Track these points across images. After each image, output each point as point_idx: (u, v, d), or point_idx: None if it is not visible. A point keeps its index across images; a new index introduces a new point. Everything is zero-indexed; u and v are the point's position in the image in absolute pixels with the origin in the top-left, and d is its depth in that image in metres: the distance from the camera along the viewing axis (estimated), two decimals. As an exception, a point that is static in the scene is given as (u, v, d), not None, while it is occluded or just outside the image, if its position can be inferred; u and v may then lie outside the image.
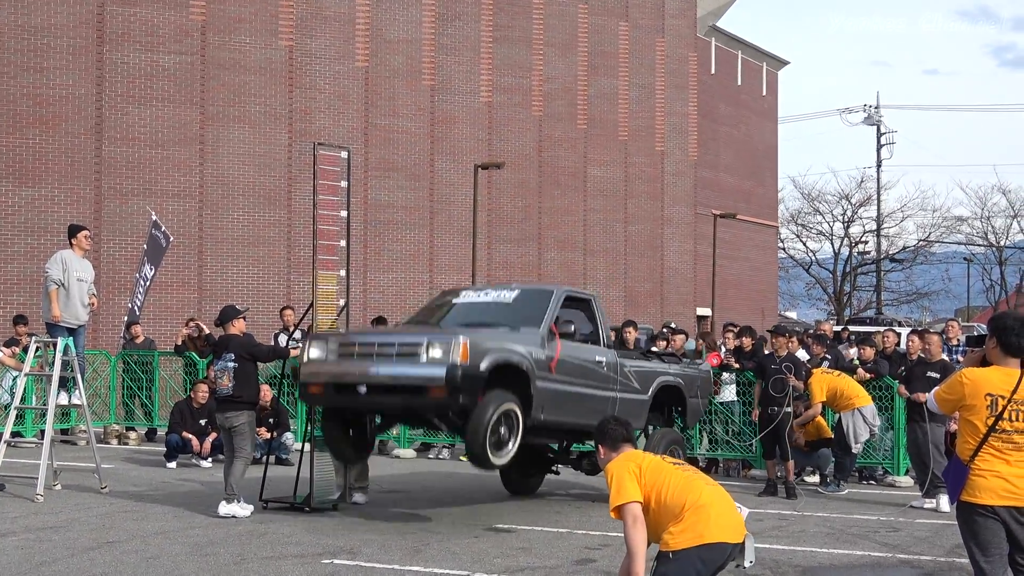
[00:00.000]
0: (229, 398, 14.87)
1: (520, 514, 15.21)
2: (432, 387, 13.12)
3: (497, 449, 13.47)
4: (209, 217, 34.68)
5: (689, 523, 7.98)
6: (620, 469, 8.13)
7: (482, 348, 13.28)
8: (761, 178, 60.29)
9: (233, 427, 14.84)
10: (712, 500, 8.12)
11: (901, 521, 15.10)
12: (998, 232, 76.37)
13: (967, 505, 8.09)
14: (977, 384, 8.08)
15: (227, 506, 14.63)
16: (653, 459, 8.26)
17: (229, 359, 14.88)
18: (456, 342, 13.11)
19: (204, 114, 34.73)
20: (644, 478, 8.08)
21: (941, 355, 16.99)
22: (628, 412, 15.60)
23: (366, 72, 37.30)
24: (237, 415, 14.82)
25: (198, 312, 32.29)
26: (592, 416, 14.62)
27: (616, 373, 15.62)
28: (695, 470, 8.42)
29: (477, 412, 13.17)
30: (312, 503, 15.17)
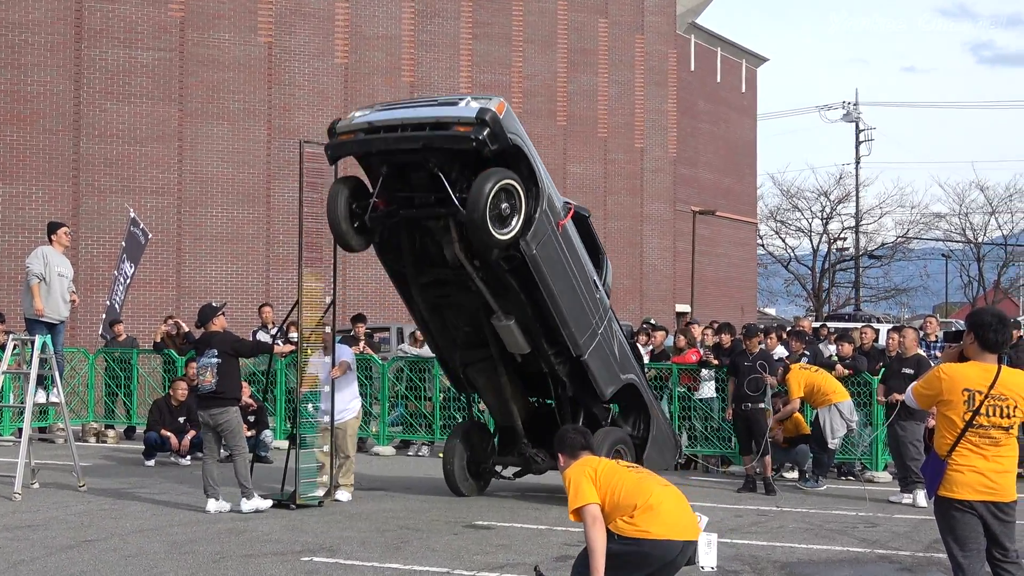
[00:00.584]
0: (212, 394, 14.84)
1: (500, 511, 15.21)
2: (459, 123, 13.75)
3: (499, 223, 13.80)
4: (188, 214, 34.61)
5: (639, 520, 8.21)
6: (577, 474, 8.39)
7: (515, 125, 14.17)
8: (740, 175, 60.39)
9: (219, 425, 14.81)
10: (663, 499, 8.35)
11: (880, 517, 15.14)
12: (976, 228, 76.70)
13: (945, 500, 8.12)
14: (955, 379, 8.10)
15: (248, 502, 14.68)
16: (608, 463, 8.54)
17: (212, 355, 14.85)
18: (495, 100, 13.99)
19: (183, 110, 34.65)
20: (599, 481, 8.34)
21: (917, 350, 17.03)
22: (602, 359, 15.54)
23: (345, 69, 37.26)
24: (222, 412, 14.80)
25: (177, 309, 32.22)
26: (572, 315, 14.85)
27: (604, 313, 15.67)
28: (649, 472, 8.63)
29: (480, 177, 13.63)
30: (298, 500, 15.16)
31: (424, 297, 15.69)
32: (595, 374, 15.48)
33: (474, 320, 15.62)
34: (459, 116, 13.89)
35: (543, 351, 15.35)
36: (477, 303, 15.20)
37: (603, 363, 15.62)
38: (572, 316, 15.02)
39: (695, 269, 47.63)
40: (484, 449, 16.86)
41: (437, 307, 15.87)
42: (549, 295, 14.68)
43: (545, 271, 14.54)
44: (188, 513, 14.60)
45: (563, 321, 14.92)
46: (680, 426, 20.01)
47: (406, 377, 22.26)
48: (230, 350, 14.96)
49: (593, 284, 15.56)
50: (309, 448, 15.73)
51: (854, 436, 19.00)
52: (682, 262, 48.37)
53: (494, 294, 14.87)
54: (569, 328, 14.99)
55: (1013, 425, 8.11)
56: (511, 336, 15.18)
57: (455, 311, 15.79)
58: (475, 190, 13.62)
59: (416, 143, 13.95)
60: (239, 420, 15.12)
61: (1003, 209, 75.51)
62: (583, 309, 15.24)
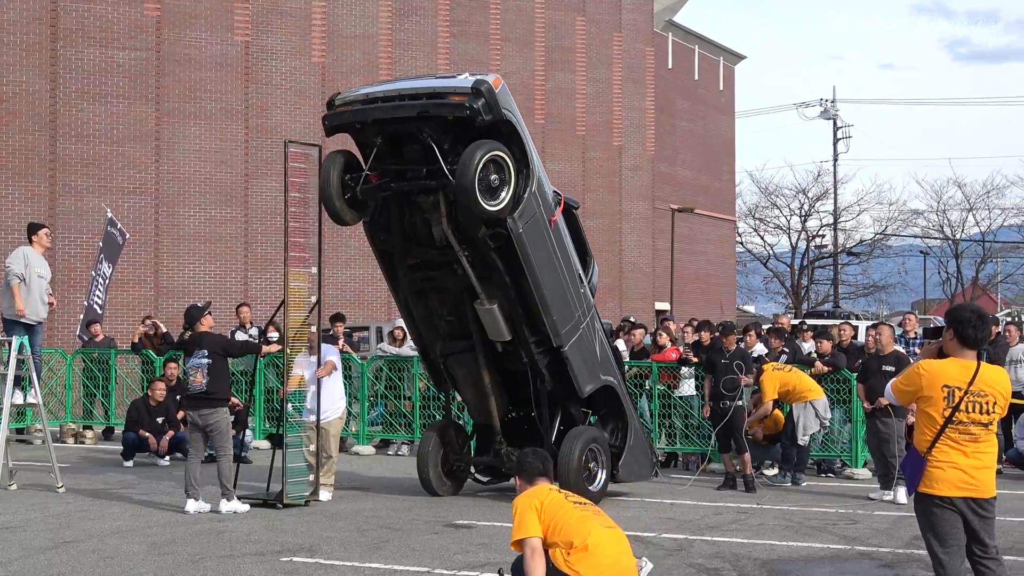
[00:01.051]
0: (203, 395, 14.85)
1: (480, 510, 15.20)
2: (455, 93, 14.10)
3: (489, 194, 14.00)
4: (165, 214, 34.51)
5: (573, 560, 8.18)
6: (523, 505, 8.40)
7: (510, 102, 14.39)
8: (719, 173, 60.46)
9: (209, 425, 14.80)
10: (601, 542, 8.28)
11: (860, 513, 15.18)
12: (954, 225, 76.90)
13: (925, 496, 8.14)
14: (934, 376, 8.12)
15: (228, 504, 14.69)
16: (556, 497, 8.48)
17: (202, 356, 14.86)
18: (493, 75, 14.36)
19: (159, 110, 34.54)
20: (544, 513, 8.33)
21: (894, 347, 17.05)
22: (583, 354, 15.55)
23: (323, 68, 37.18)
24: (212, 412, 14.81)
25: (154, 310, 32.12)
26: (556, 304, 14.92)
27: (588, 309, 15.74)
28: (596, 511, 8.54)
29: (469, 148, 13.87)
30: (285, 499, 15.14)
31: (410, 280, 15.74)
32: (575, 369, 15.44)
33: (457, 308, 15.65)
34: (455, 87, 14.24)
35: (524, 339, 15.32)
36: (461, 286, 15.25)
37: (584, 359, 15.61)
38: (555, 303, 15.05)
39: (674, 267, 47.70)
40: (460, 449, 16.83)
41: (422, 292, 15.90)
42: (533, 278, 14.72)
43: (530, 252, 14.60)
44: (167, 514, 14.56)
45: (545, 307, 14.94)
46: (660, 424, 20.04)
47: (385, 376, 22.26)
48: (220, 351, 14.99)
49: (578, 277, 15.60)
50: (295, 448, 15.71)
51: (834, 434, 19.05)
52: (661, 260, 48.42)
53: (479, 276, 14.92)
54: (551, 316, 15.00)
55: (992, 421, 8.13)
56: (493, 321, 15.17)
57: (439, 297, 15.82)
58: (465, 157, 13.86)
59: (412, 111, 14.21)
60: (228, 421, 15.16)
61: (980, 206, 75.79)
62: (567, 298, 15.27)
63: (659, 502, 16.01)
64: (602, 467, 15.78)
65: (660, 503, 15.94)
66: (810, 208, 75.16)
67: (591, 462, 15.62)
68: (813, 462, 19.58)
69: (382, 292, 36.54)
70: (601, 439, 15.97)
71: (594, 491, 15.40)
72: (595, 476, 15.70)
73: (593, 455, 15.69)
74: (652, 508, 15.51)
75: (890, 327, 17.58)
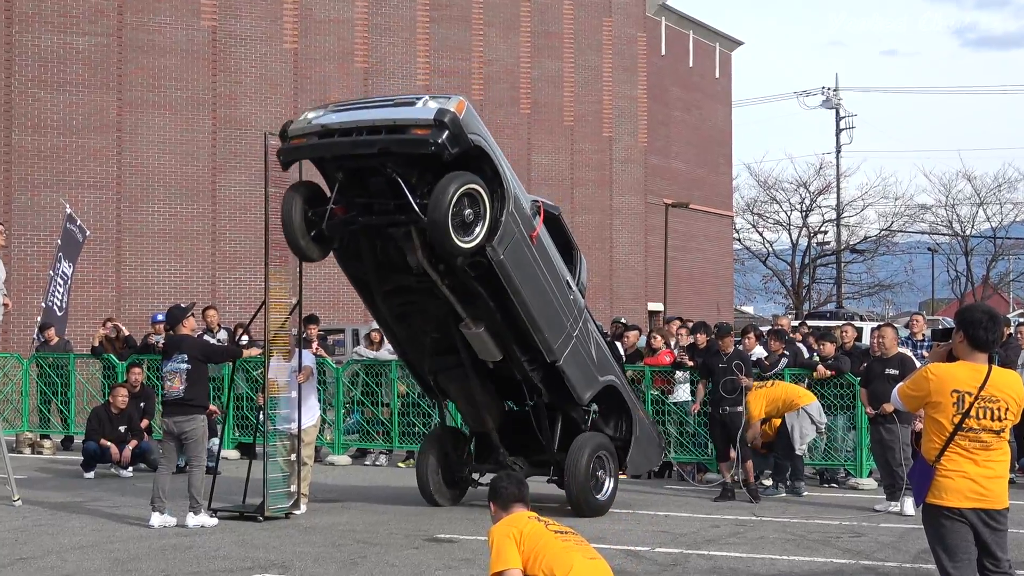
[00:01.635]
0: (180, 401, 14.83)
1: (463, 523, 15.20)
2: (417, 126, 13.72)
3: (463, 230, 13.83)
4: (127, 210, 34.45)
5: None
6: (500, 534, 8.32)
7: (476, 124, 14.04)
8: (715, 165, 60.56)
9: (184, 433, 14.78)
10: (583, 574, 8.18)
11: (864, 526, 15.21)
12: (963, 221, 77.01)
13: (933, 508, 8.15)
14: (943, 380, 8.13)
15: (195, 517, 14.67)
16: (535, 526, 8.39)
17: (181, 360, 14.84)
18: (456, 98, 13.93)
19: (121, 99, 34.49)
20: (523, 544, 8.25)
21: (897, 349, 17.07)
22: (579, 364, 15.62)
23: (295, 54, 37.16)
24: (188, 420, 14.78)
25: (116, 311, 32.07)
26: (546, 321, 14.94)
27: (579, 315, 15.76)
28: (580, 540, 8.46)
29: (441, 181, 13.66)
30: (266, 512, 15.14)
31: (388, 305, 15.75)
32: (571, 380, 15.58)
33: (442, 326, 15.67)
34: (416, 118, 13.85)
35: (516, 358, 15.41)
36: (444, 310, 15.25)
37: (580, 367, 15.71)
38: (545, 321, 15.09)
39: (668, 265, 47.73)
40: (460, 456, 16.92)
41: (403, 315, 15.92)
42: (519, 301, 14.73)
43: (514, 276, 14.58)
44: (131, 528, 14.54)
45: (535, 327, 14.98)
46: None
47: (362, 382, 22.22)
48: (200, 355, 14.96)
49: (566, 285, 15.62)
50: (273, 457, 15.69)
51: (837, 442, 19.08)
52: (654, 258, 48.46)
53: (461, 301, 14.93)
54: (542, 333, 15.06)
55: (1004, 428, 8.15)
56: (482, 344, 15.27)
57: (422, 317, 15.83)
58: (435, 197, 13.64)
59: (372, 148, 13.95)
60: (205, 430, 15.14)
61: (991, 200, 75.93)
62: (556, 313, 15.30)
63: (652, 514, 16.03)
64: (610, 475, 16.07)
65: (653, 515, 15.96)
66: (811, 203, 75.26)
67: (599, 470, 15.89)
68: (815, 472, 19.62)
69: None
70: (608, 445, 16.19)
71: (601, 500, 15.79)
72: (602, 485, 15.99)
73: (600, 463, 15.95)
74: (644, 520, 15.52)
75: (893, 328, 17.60)
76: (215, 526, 14.68)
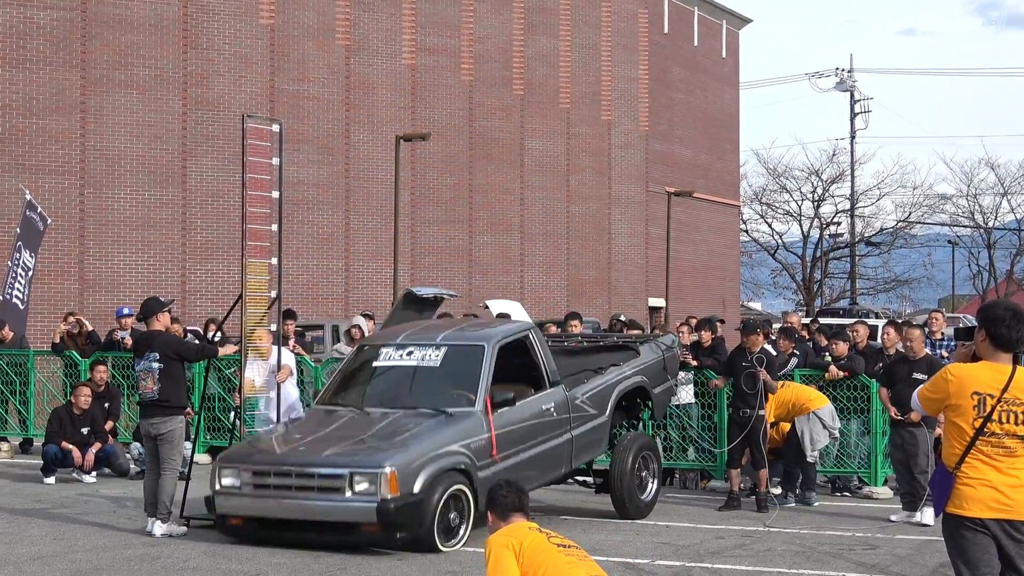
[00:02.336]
0: (155, 402, 14.86)
1: (450, 533, 15.17)
2: (364, 524, 13.46)
3: (447, 536, 13.80)
4: (92, 196, 34.40)
5: None
6: (499, 544, 8.31)
7: (413, 469, 13.47)
8: (721, 151, 60.56)
9: (161, 435, 14.81)
10: None
11: (879, 537, 15.22)
12: (986, 212, 77.22)
13: (953, 518, 8.14)
14: (963, 381, 8.11)
15: (163, 526, 14.67)
16: (537, 538, 8.37)
17: (154, 359, 14.86)
18: (383, 475, 13.30)
19: (85, 78, 34.44)
20: (524, 556, 8.24)
21: (924, 351, 17.06)
22: (588, 444, 16.16)
23: (271, 30, 37.12)
24: (165, 421, 14.82)
25: (79, 305, 32.03)
26: (551, 469, 15.51)
27: (568, 411, 15.88)
28: (583, 555, 8.44)
29: (423, 500, 13.51)
30: None
31: None
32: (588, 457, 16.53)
33: None
34: (359, 519, 13.51)
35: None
36: None
37: (588, 443, 16.25)
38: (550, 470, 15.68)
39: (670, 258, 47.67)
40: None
41: None
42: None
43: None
44: (94, 537, 14.51)
45: (546, 481, 15.84)
46: (654, 436, 19.98)
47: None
48: (173, 354, 14.96)
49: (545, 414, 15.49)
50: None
51: (850, 448, 19.08)
52: (655, 250, 48.45)
53: None
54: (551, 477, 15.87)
55: (1030, 433, 8.13)
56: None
57: None
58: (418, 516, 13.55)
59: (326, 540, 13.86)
60: (182, 432, 15.17)
61: (1016, 190, 76.14)
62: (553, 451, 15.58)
63: (653, 524, 16.03)
64: (653, 476, 16.78)
65: (654, 525, 15.96)
66: (824, 192, 75.42)
67: (643, 471, 16.58)
68: (827, 479, 19.62)
69: (337, 286, 36.56)
70: (652, 445, 17.06)
71: (646, 501, 16.52)
72: (646, 486, 16.65)
73: (645, 463, 16.63)
74: (645, 531, 15.52)
75: (921, 328, 17.59)
76: (183, 535, 14.66)
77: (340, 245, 38.37)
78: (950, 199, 77.59)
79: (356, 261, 38.56)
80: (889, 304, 77.51)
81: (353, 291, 38.38)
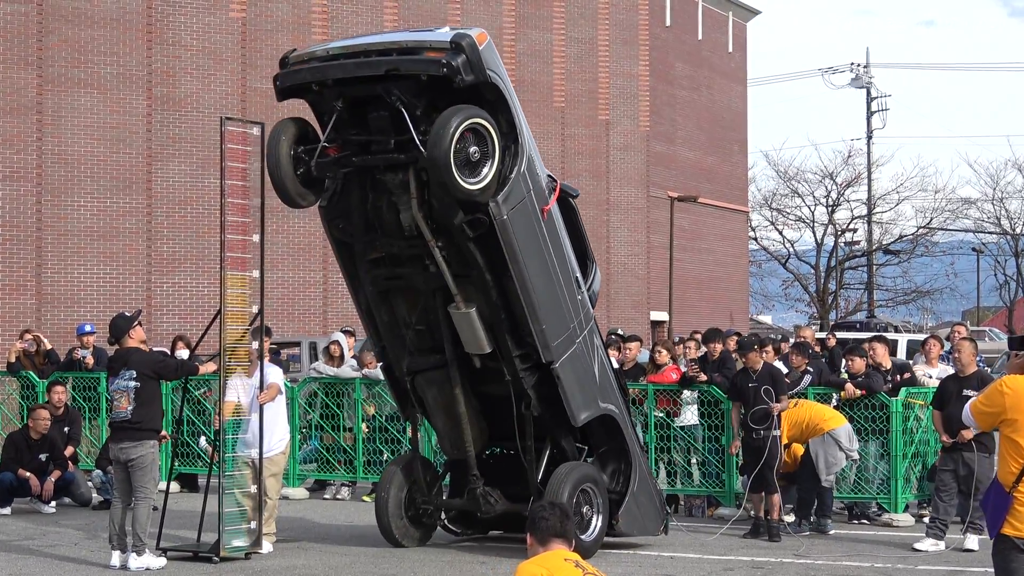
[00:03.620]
0: (127, 424, 14.90)
1: (438, 567, 15.22)
2: (431, 48, 14.29)
3: (468, 169, 14.09)
4: (49, 204, 34.40)
5: None
6: (526, 574, 8.22)
7: (495, 61, 14.69)
8: (727, 153, 60.67)
9: (131, 461, 14.84)
10: None
11: (900, 568, 15.26)
12: (1013, 217, 77.26)
13: (1007, 539, 8.16)
14: (1020, 394, 8.15)
15: (139, 559, 14.75)
16: (567, 569, 8.21)
17: (129, 377, 14.91)
18: (478, 29, 14.55)
19: (42, 76, 34.45)
20: None
21: (975, 366, 17.12)
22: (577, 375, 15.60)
23: (242, 24, 37.17)
24: (136, 446, 14.86)
25: (36, 321, 32.03)
26: (546, 310, 15.05)
27: (586, 321, 15.85)
28: None
29: (445, 113, 13.97)
30: (222, 552, 15.18)
31: (373, 277, 15.83)
32: (567, 389, 15.46)
33: (428, 315, 15.74)
34: (432, 40, 14.45)
35: (507, 352, 15.39)
36: (434, 286, 15.36)
37: (578, 379, 15.67)
38: (545, 309, 15.13)
39: (673, 268, 47.78)
40: (428, 489, 16.81)
41: (387, 293, 15.99)
42: (519, 276, 14.81)
43: (516, 244, 14.70)
44: (54, 572, 14.53)
45: (533, 313, 15.01)
46: (658, 459, 20.03)
47: (321, 403, 22.21)
48: (150, 372, 15.03)
49: (575, 282, 15.72)
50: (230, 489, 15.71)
51: (868, 472, 19.11)
52: (657, 259, 48.53)
53: (455, 274, 15.02)
54: (540, 324, 15.08)
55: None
56: (470, 329, 15.22)
57: (407, 300, 15.92)
58: (439, 123, 13.97)
59: (379, 68, 14.37)
60: (155, 458, 15.20)
61: (1046, 193, 76.20)
62: (560, 305, 15.38)
63: (656, 555, 16.06)
64: (597, 512, 15.86)
65: (657, 556, 15.99)
66: (839, 196, 75.46)
67: (584, 505, 15.66)
68: (843, 506, 19.66)
69: (315, 300, 36.55)
70: (597, 478, 16.03)
71: (587, 541, 15.44)
72: (589, 523, 15.77)
73: (587, 497, 15.74)
74: (648, 563, 15.56)
75: (973, 342, 17.59)
76: (162, 568, 14.70)
77: (318, 255, 38.31)
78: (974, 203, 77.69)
79: (335, 273, 38.45)
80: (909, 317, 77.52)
81: (332, 305, 38.31)
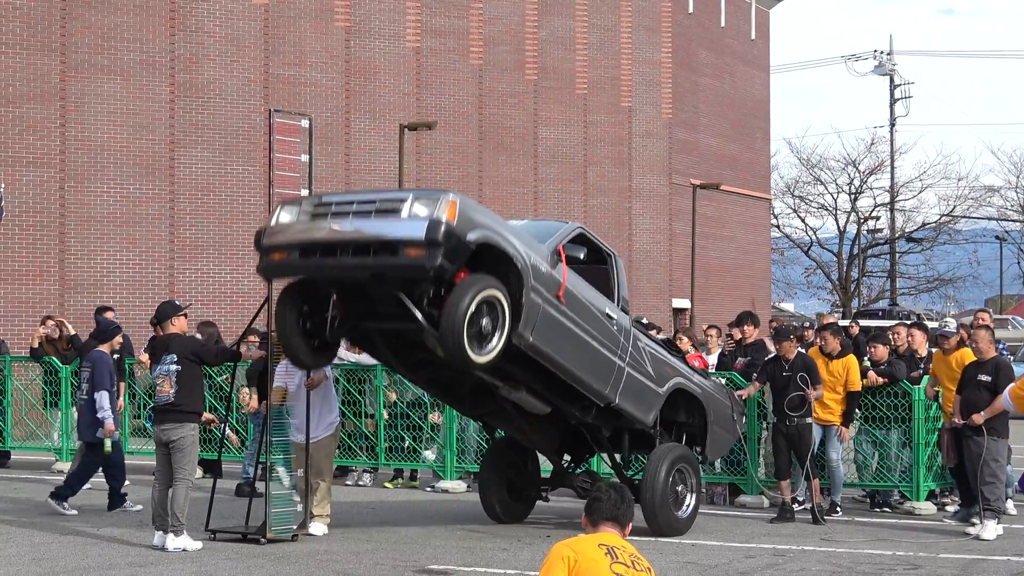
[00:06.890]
0: (170, 406, 15.22)
1: (459, 553, 15.22)
2: (408, 245, 13.67)
3: (478, 343, 14.02)
4: (73, 190, 34.44)
5: None
6: (556, 554, 8.20)
7: (473, 218, 13.95)
8: (750, 141, 60.51)
9: (172, 442, 15.12)
10: None
11: (922, 556, 15.21)
12: (1036, 205, 77.03)
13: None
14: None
15: (176, 539, 14.98)
16: (598, 560, 8.18)
17: (171, 362, 15.27)
18: (445, 199, 13.77)
19: (65, 63, 34.48)
20: (576, 572, 8.11)
21: (993, 352, 17.16)
22: (632, 393, 16.08)
23: (265, 11, 37.15)
24: (177, 428, 15.20)
25: (59, 307, 32.07)
26: (591, 372, 15.38)
27: (627, 340, 16.10)
28: None
29: (455, 292, 13.72)
30: (269, 533, 15.42)
31: (416, 376, 16.82)
32: (631, 413, 16.32)
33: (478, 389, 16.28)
34: (406, 237, 13.80)
35: (566, 409, 16.18)
36: (476, 382, 15.79)
37: (637, 396, 16.31)
38: (590, 373, 15.61)
39: (695, 256, 47.68)
40: (525, 467, 17.84)
41: (432, 380, 16.62)
42: (559, 369, 15.26)
43: (548, 351, 15.01)
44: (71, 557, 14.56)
45: (581, 383, 15.59)
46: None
47: (342, 389, 22.22)
48: (192, 356, 15.40)
49: (606, 319, 15.93)
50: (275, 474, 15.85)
51: (890, 460, 19.09)
52: (680, 247, 48.45)
53: (494, 376, 15.39)
54: (587, 384, 15.69)
55: None
56: (524, 401, 16.01)
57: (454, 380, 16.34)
58: (448, 313, 13.82)
59: (363, 272, 14.26)
60: (195, 440, 15.51)
61: (1070, 181, 75.92)
62: (600, 356, 15.74)
63: (677, 543, 16.05)
64: (691, 491, 16.81)
65: (679, 544, 15.98)
66: (861, 184, 75.28)
67: (679, 484, 16.59)
68: (865, 493, 19.67)
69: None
70: (689, 457, 16.95)
71: (683, 518, 16.58)
72: (683, 501, 16.71)
73: (681, 476, 16.65)
74: (669, 550, 15.54)
75: (990, 330, 17.67)
76: (198, 550, 14.81)
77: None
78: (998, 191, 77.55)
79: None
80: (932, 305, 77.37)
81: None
